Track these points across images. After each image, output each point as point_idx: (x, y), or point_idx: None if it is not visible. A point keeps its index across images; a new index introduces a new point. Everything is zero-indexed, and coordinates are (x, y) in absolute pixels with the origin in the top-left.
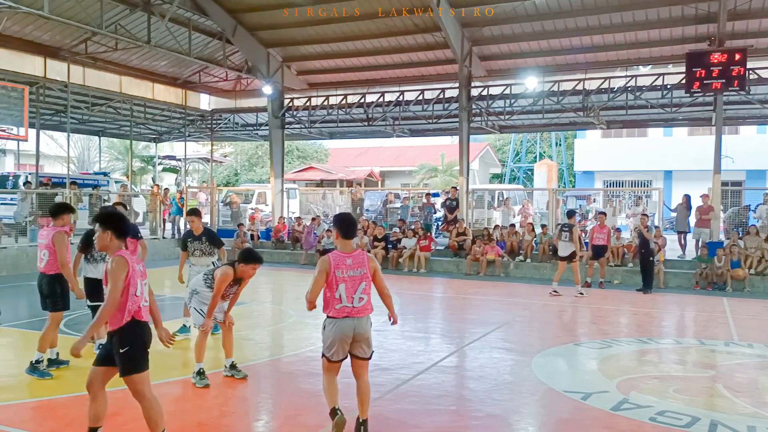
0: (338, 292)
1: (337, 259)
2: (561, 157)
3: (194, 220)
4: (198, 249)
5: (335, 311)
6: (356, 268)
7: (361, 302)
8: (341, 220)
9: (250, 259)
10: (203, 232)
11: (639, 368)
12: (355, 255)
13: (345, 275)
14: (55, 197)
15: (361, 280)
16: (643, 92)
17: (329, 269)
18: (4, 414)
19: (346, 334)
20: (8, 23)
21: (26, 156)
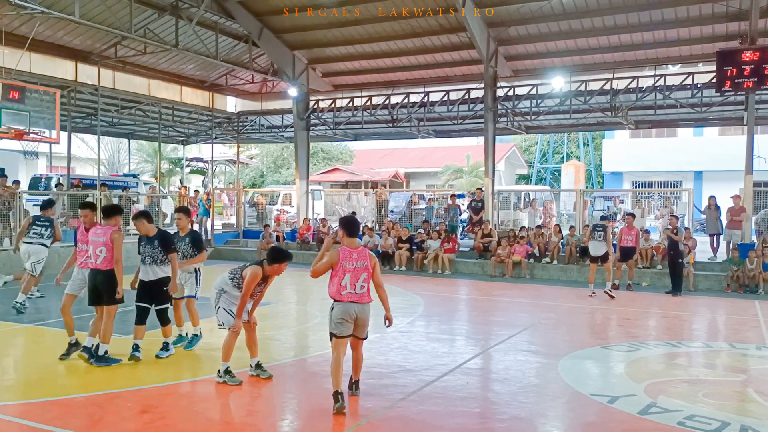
0: (344, 280)
1: (344, 252)
2: (589, 158)
3: (181, 218)
4: (180, 251)
5: (341, 297)
6: (360, 261)
7: (362, 290)
8: (346, 221)
9: (280, 257)
10: (188, 234)
11: (667, 372)
12: (359, 251)
13: (350, 267)
14: (85, 199)
15: (363, 271)
16: (672, 92)
17: (338, 260)
18: (35, 411)
19: (351, 315)
20: (41, 28)
21: (58, 158)
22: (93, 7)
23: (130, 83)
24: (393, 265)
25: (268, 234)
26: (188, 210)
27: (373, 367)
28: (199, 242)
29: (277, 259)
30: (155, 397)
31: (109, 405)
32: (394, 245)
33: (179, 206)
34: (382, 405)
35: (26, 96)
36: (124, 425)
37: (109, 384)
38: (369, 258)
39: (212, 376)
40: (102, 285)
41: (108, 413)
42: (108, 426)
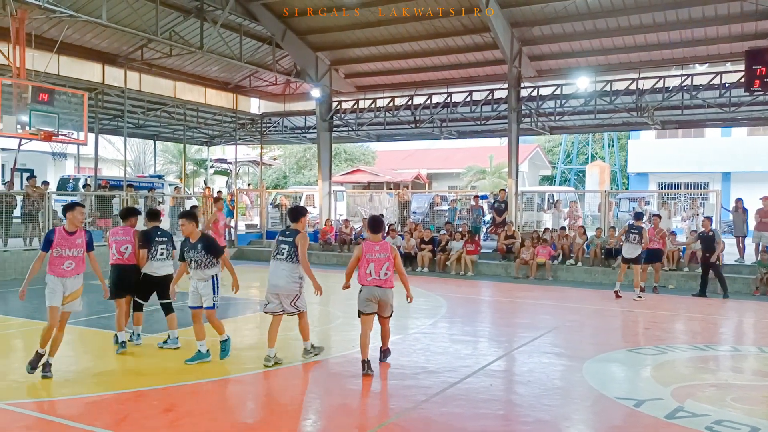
0: (368, 269)
1: (367, 246)
2: (614, 159)
3: (184, 224)
4: (193, 259)
5: (367, 282)
6: (382, 252)
7: (385, 276)
8: (371, 220)
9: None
10: (199, 239)
11: (695, 376)
12: (381, 243)
13: (373, 257)
14: (112, 199)
15: (385, 261)
16: (699, 91)
17: (362, 253)
18: (62, 408)
19: (375, 296)
20: (69, 32)
21: (85, 159)
22: (120, 10)
23: (155, 85)
24: (415, 267)
25: None
26: (193, 214)
27: (396, 368)
28: (214, 248)
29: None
30: (179, 396)
31: (133, 403)
32: (416, 246)
33: (184, 211)
34: (404, 406)
35: (55, 98)
36: (148, 423)
37: (134, 382)
38: (390, 250)
39: (235, 375)
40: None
41: (133, 411)
42: (132, 424)
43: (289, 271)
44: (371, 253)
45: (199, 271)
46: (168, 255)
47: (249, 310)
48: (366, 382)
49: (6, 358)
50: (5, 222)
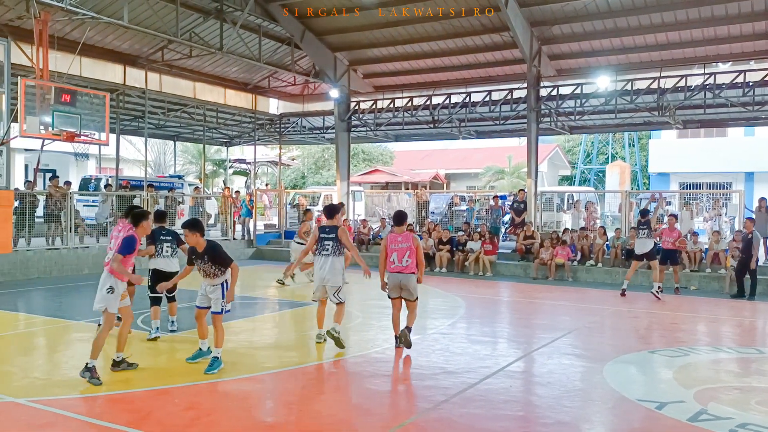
0: (392, 257)
1: (391, 237)
2: (634, 159)
3: (187, 234)
4: (201, 268)
5: (390, 269)
6: (404, 242)
7: (407, 263)
8: (395, 214)
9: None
10: (206, 250)
11: (718, 378)
12: (404, 235)
13: (396, 247)
14: (133, 199)
15: (406, 250)
16: (722, 90)
17: (387, 244)
18: (84, 406)
19: (396, 282)
20: (91, 33)
21: (107, 160)
22: (141, 11)
23: (176, 86)
24: (433, 267)
25: None
26: (196, 225)
27: (415, 368)
28: (221, 259)
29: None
30: (201, 394)
31: (155, 401)
32: (434, 246)
33: (187, 221)
34: (424, 407)
35: (77, 99)
36: (169, 421)
37: (156, 381)
38: (412, 240)
39: (256, 374)
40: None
41: (154, 409)
42: (154, 422)
43: (335, 264)
44: (394, 244)
45: (209, 279)
46: (173, 252)
47: (268, 310)
48: (384, 381)
49: (29, 356)
50: (28, 221)
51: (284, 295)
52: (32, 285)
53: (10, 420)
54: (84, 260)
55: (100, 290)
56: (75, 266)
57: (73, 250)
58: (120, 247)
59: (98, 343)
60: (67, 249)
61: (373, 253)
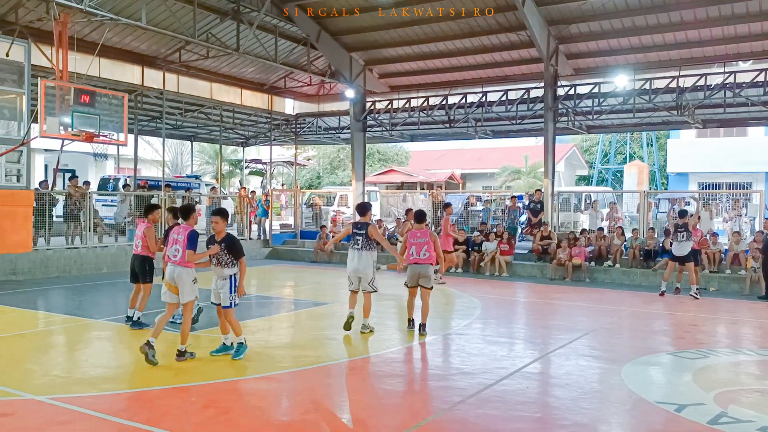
0: (411, 250)
1: (411, 233)
2: (652, 158)
3: (218, 221)
4: (215, 256)
5: (410, 260)
6: (422, 237)
7: (424, 256)
8: (416, 212)
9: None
10: (224, 238)
11: (738, 380)
12: (422, 231)
13: (415, 241)
14: (151, 199)
15: (424, 244)
16: (742, 89)
17: (407, 239)
18: (103, 403)
19: (416, 272)
20: (109, 35)
21: (125, 160)
22: (158, 13)
23: (193, 87)
24: (449, 267)
25: (324, 234)
26: (226, 212)
27: (431, 369)
28: (236, 249)
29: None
30: (218, 393)
31: (173, 399)
32: (450, 246)
33: (217, 208)
34: (440, 407)
35: (96, 100)
36: (187, 419)
37: (174, 379)
38: (429, 235)
39: (273, 373)
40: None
41: (172, 407)
42: (172, 419)
43: (365, 257)
44: (414, 238)
45: (219, 269)
46: None
47: (284, 309)
48: (400, 381)
49: (49, 354)
50: (48, 221)
51: (300, 295)
52: (52, 284)
53: (31, 417)
54: (103, 259)
55: (185, 285)
56: (94, 265)
57: (92, 250)
58: (187, 244)
59: (185, 328)
60: (86, 248)
61: (388, 253)
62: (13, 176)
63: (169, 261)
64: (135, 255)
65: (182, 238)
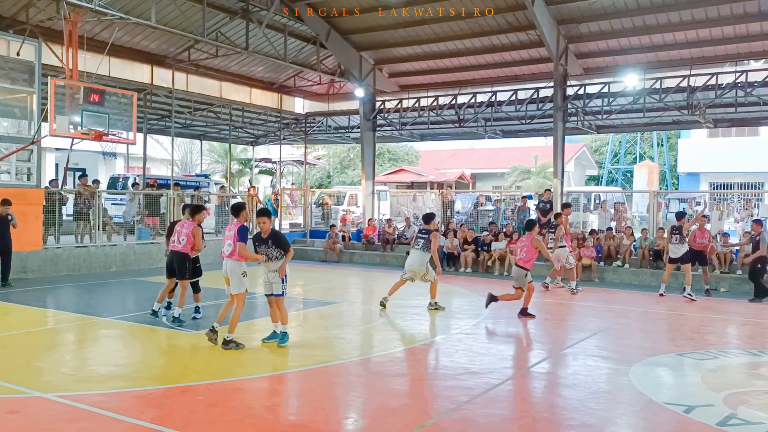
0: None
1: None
2: (663, 158)
3: (265, 221)
4: (264, 254)
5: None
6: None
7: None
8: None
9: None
10: (270, 235)
11: (748, 382)
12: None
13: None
14: (160, 198)
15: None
16: (754, 88)
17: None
18: (110, 401)
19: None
20: (119, 34)
21: (134, 159)
22: (168, 12)
23: (202, 86)
24: (458, 267)
25: (334, 234)
26: (270, 212)
27: (439, 368)
28: (282, 243)
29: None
30: (225, 392)
31: (179, 398)
32: (459, 246)
33: (262, 209)
34: (447, 407)
35: (106, 99)
36: (193, 418)
37: (181, 378)
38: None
39: (279, 372)
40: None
41: (179, 406)
42: (178, 418)
43: (421, 258)
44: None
45: (270, 263)
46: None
47: (292, 309)
48: (407, 381)
49: (57, 352)
50: (57, 219)
51: (309, 294)
52: (61, 282)
53: (39, 415)
54: (112, 258)
55: (234, 276)
56: (103, 264)
57: (101, 248)
58: (239, 237)
59: (235, 319)
60: (95, 247)
61: (398, 252)
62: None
63: (223, 256)
64: (174, 252)
65: (232, 233)
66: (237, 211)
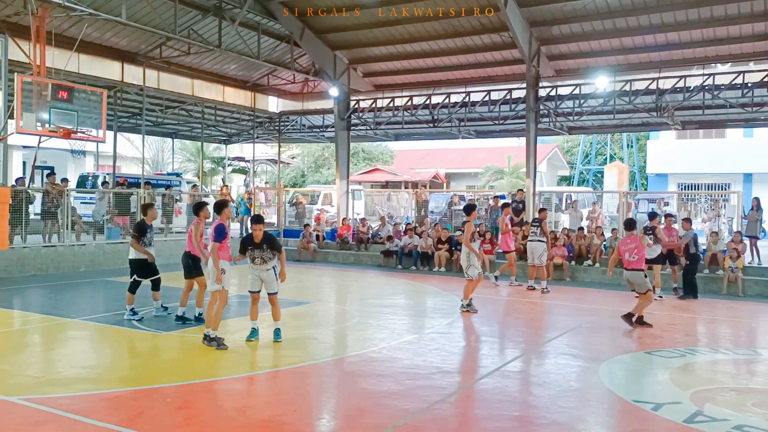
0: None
1: (622, 240)
2: (633, 159)
3: (261, 228)
4: (259, 257)
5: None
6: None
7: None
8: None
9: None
10: (263, 240)
11: (714, 379)
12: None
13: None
14: (130, 197)
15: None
16: (721, 91)
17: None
18: (77, 404)
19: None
20: (89, 30)
21: (104, 157)
22: (139, 8)
23: (174, 83)
24: (432, 266)
25: (308, 233)
26: (263, 218)
27: (411, 368)
28: (276, 245)
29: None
30: (194, 394)
31: (147, 400)
32: (433, 246)
33: (257, 215)
34: (419, 406)
35: (74, 96)
36: (162, 420)
37: (150, 379)
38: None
39: (249, 374)
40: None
41: (147, 408)
42: (146, 421)
43: (463, 250)
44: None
45: (263, 265)
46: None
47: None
48: (380, 381)
49: (24, 353)
50: (24, 218)
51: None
52: (28, 282)
53: (3, 419)
54: (81, 258)
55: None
56: (72, 263)
57: (69, 248)
58: (214, 236)
59: (216, 315)
60: (63, 246)
61: (372, 252)
62: None
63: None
64: (185, 251)
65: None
66: (219, 208)
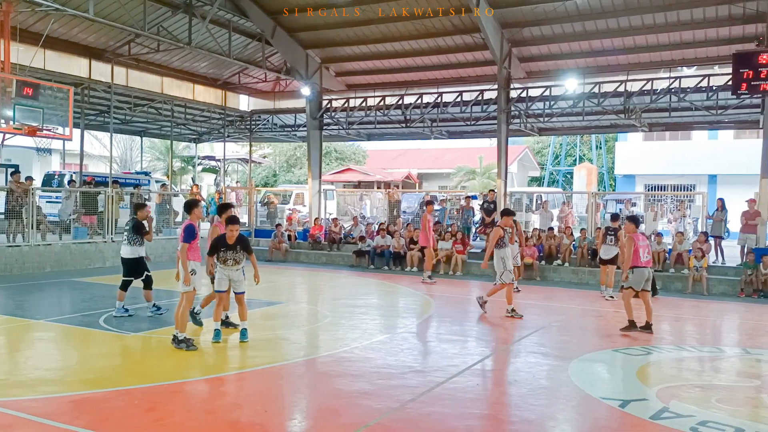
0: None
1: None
2: (601, 161)
3: (237, 229)
4: (231, 258)
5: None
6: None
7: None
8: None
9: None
10: (237, 241)
11: (680, 376)
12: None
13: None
14: (97, 196)
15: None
16: (687, 94)
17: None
18: (42, 407)
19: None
20: (55, 26)
21: (71, 155)
22: (107, 4)
23: (143, 81)
24: (404, 266)
25: (280, 233)
26: (238, 219)
27: (383, 367)
28: (248, 247)
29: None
30: (163, 395)
31: (116, 402)
32: (405, 246)
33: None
34: (390, 406)
35: (40, 93)
36: (130, 423)
37: (117, 381)
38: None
39: (219, 375)
40: None
41: (115, 410)
42: (114, 423)
43: (494, 255)
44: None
45: (235, 266)
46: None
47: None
48: (352, 381)
49: None
50: None
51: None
52: None
53: None
54: (46, 258)
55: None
56: (37, 264)
57: (34, 248)
58: (183, 237)
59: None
60: (28, 246)
61: (344, 252)
62: None
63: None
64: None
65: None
66: (189, 208)
